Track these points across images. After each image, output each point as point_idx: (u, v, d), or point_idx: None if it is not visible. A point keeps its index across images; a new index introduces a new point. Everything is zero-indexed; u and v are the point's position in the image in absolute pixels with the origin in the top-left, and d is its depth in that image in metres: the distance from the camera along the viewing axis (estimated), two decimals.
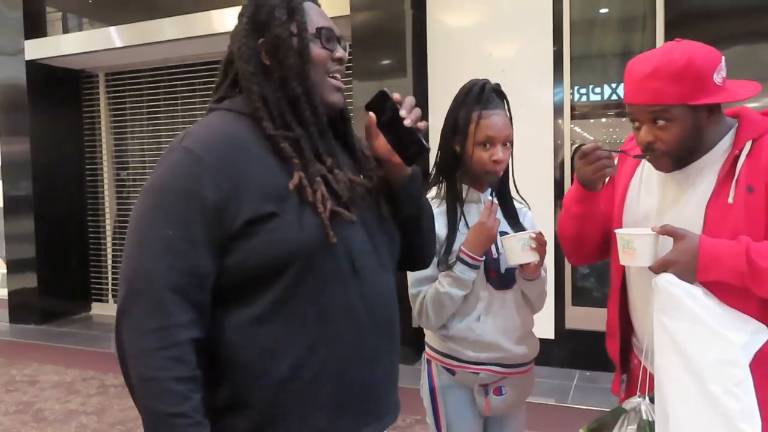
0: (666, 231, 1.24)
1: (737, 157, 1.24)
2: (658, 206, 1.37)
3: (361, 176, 1.14)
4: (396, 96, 1.12)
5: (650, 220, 1.37)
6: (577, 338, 3.90)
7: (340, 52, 1.12)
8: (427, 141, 1.12)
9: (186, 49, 5.24)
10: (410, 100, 1.13)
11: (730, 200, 1.23)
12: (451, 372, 1.64)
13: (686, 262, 1.20)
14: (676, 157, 1.29)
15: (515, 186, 1.71)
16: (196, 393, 0.96)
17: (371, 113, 1.12)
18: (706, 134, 1.27)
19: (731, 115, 1.34)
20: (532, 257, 1.52)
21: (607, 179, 1.41)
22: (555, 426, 3.22)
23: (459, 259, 1.54)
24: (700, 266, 1.20)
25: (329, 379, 1.04)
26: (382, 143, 1.13)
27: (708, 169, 1.29)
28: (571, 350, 3.95)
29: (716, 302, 1.20)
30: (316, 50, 1.08)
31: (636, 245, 1.25)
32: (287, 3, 1.08)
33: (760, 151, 1.23)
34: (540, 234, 1.54)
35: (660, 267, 1.22)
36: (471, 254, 1.54)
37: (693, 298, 1.18)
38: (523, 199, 1.76)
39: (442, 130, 1.67)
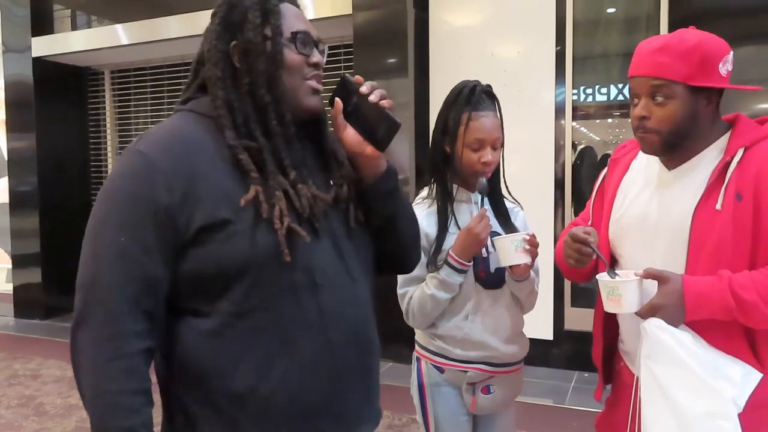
0: (650, 275, 1.23)
1: (728, 164, 1.24)
2: (645, 207, 1.36)
3: (332, 182, 1.10)
4: (357, 78, 1.09)
5: (636, 222, 1.38)
6: (575, 339, 3.89)
7: (316, 57, 1.07)
8: (399, 120, 1.07)
9: (191, 47, 5.18)
10: (371, 82, 1.09)
11: (718, 206, 1.22)
12: (440, 370, 1.64)
13: (674, 305, 1.20)
14: (666, 139, 1.27)
15: (506, 186, 1.71)
16: (146, 407, 0.94)
17: (337, 99, 1.07)
18: (700, 123, 1.27)
19: (728, 120, 1.33)
20: (524, 258, 1.51)
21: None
22: (552, 427, 3.22)
23: (446, 262, 1.54)
24: (688, 307, 1.20)
25: (288, 395, 1.00)
26: (350, 134, 1.09)
27: (698, 171, 1.29)
28: (569, 351, 3.94)
29: (705, 348, 1.19)
30: (291, 55, 1.03)
31: (621, 292, 1.24)
32: (262, 4, 1.03)
33: (751, 159, 1.23)
34: (533, 236, 1.53)
35: (648, 312, 1.21)
36: (458, 259, 1.53)
37: (682, 345, 1.16)
38: (515, 199, 1.75)
39: (433, 131, 1.67)
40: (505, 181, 1.70)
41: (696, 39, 1.23)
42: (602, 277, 1.29)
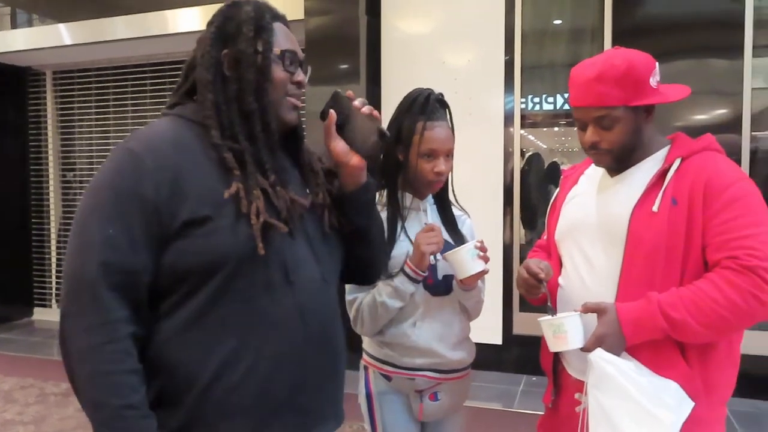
0: (589, 308, 1.31)
1: (666, 171, 1.32)
2: (586, 209, 1.44)
3: (308, 191, 1.17)
4: (349, 92, 1.17)
5: (577, 222, 1.44)
6: (524, 344, 3.95)
7: (300, 76, 1.15)
8: (388, 133, 1.17)
9: (138, 48, 5.14)
10: (361, 98, 1.18)
11: (654, 208, 1.30)
12: (387, 378, 1.64)
13: (614, 333, 1.27)
14: (618, 155, 1.37)
15: (454, 195, 1.72)
16: (142, 385, 1.00)
17: (332, 111, 1.14)
18: (643, 133, 1.37)
19: (670, 138, 1.42)
20: (481, 266, 1.51)
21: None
22: (500, 430, 3.26)
23: (402, 271, 1.54)
24: (626, 334, 1.27)
25: (253, 387, 1.05)
26: (340, 145, 1.16)
27: (637, 177, 1.37)
28: (518, 355, 4.00)
29: (647, 376, 1.25)
30: (278, 71, 1.11)
31: (567, 328, 1.29)
32: (257, 20, 1.10)
33: (688, 168, 1.31)
34: (482, 242, 1.55)
35: (594, 344, 1.27)
36: (414, 268, 1.53)
37: (624, 375, 1.23)
38: (461, 207, 1.77)
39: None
40: (453, 189, 1.72)
41: (625, 63, 1.31)
42: (545, 319, 1.34)
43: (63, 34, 5.10)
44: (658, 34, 3.69)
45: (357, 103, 1.15)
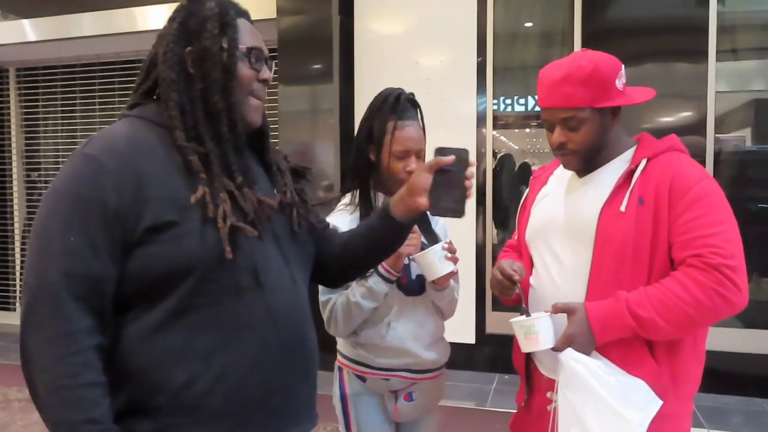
0: (558, 309, 1.32)
1: (632, 172, 1.35)
2: (555, 210, 1.46)
3: (275, 191, 1.15)
4: (472, 160, 1.17)
5: (547, 223, 1.46)
6: (497, 342, 3.99)
7: (266, 74, 1.12)
8: (465, 213, 1.19)
9: (106, 45, 5.04)
10: (473, 172, 1.18)
11: (622, 208, 1.32)
12: (362, 379, 1.64)
13: (584, 332, 1.29)
14: (585, 156, 1.39)
15: None
16: (105, 398, 0.96)
17: (453, 156, 1.15)
18: (610, 135, 1.39)
19: (635, 138, 1.45)
20: (450, 267, 1.52)
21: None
22: (474, 429, 3.29)
23: (376, 271, 1.54)
24: (596, 333, 1.29)
25: (225, 391, 1.03)
26: (426, 181, 1.14)
27: (606, 178, 1.39)
28: (490, 354, 4.04)
29: (616, 375, 1.27)
30: (244, 69, 1.08)
31: (538, 329, 1.31)
32: (221, 17, 1.07)
33: (653, 169, 1.34)
34: (450, 242, 1.56)
35: (564, 344, 1.29)
36: (388, 268, 1.54)
37: (594, 375, 1.25)
38: None
39: (357, 138, 1.67)
40: None
41: (591, 64, 1.33)
42: (517, 320, 1.35)
43: (27, 30, 4.99)
44: (626, 38, 3.78)
45: (469, 172, 1.16)
